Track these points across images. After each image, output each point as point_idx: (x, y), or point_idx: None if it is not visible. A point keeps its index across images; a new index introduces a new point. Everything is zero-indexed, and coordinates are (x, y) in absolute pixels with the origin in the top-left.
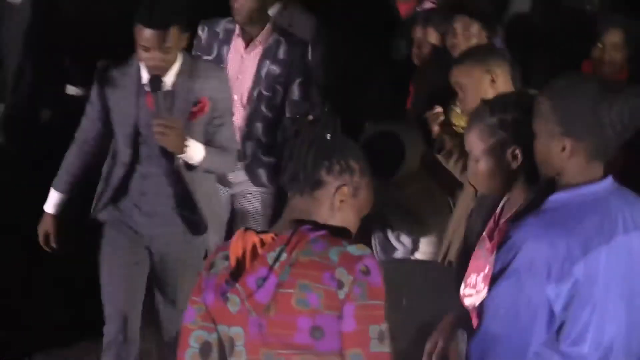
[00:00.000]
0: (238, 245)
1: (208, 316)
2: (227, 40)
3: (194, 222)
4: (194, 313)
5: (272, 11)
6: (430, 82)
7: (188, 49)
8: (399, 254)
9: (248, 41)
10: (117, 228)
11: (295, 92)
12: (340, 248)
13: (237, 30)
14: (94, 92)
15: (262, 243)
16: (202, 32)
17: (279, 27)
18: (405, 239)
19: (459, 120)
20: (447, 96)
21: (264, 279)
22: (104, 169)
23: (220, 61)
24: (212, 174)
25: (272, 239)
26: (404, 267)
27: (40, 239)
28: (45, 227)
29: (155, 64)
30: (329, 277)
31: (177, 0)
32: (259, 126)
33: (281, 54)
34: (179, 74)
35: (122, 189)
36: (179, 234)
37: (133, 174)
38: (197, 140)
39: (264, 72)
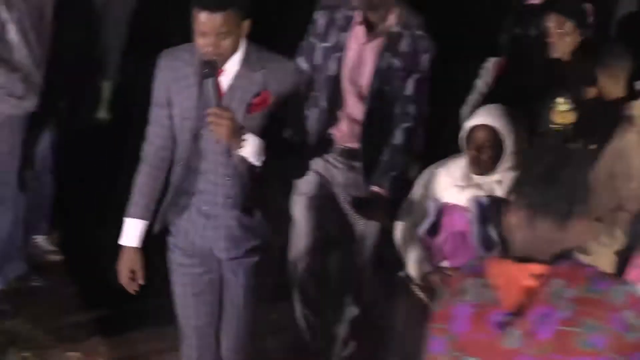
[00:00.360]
0: (501, 274)
1: (458, 346)
2: (346, 27)
3: (256, 229)
4: (443, 342)
5: None
6: (532, 80)
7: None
8: (499, 250)
9: (369, 30)
10: (183, 241)
11: (409, 87)
12: (623, 288)
13: (358, 17)
14: (156, 91)
15: (531, 274)
16: (320, 18)
17: (402, 18)
18: None
19: (561, 118)
20: (549, 93)
21: (545, 315)
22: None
23: (338, 49)
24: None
25: (545, 271)
26: None
27: (124, 278)
28: (130, 264)
29: (212, 51)
30: (616, 319)
31: None
32: (375, 123)
33: (403, 46)
34: (242, 64)
35: (182, 190)
36: (239, 239)
37: (190, 172)
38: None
39: (384, 64)
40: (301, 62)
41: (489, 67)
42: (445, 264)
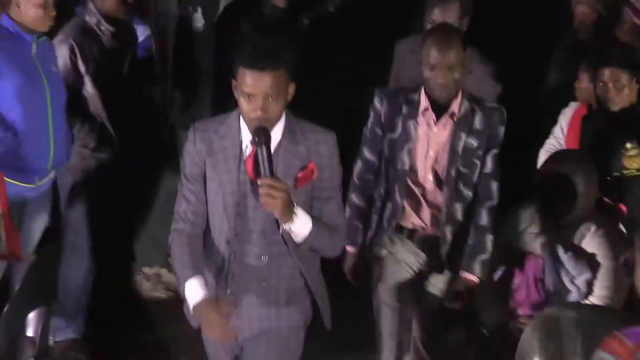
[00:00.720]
0: None
1: None
2: (412, 113)
3: (288, 316)
4: None
5: None
6: (598, 127)
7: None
8: (573, 297)
9: (438, 113)
10: None
11: (489, 164)
12: None
13: (424, 100)
14: (189, 165)
15: None
16: (380, 105)
17: (470, 94)
18: (580, 282)
19: (631, 163)
20: (617, 140)
21: None
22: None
23: (406, 139)
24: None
25: None
26: (578, 311)
27: (217, 331)
28: (212, 311)
29: (260, 115)
30: None
31: (283, 43)
32: (458, 207)
33: (477, 124)
34: (283, 134)
35: (223, 274)
36: (267, 330)
37: (231, 254)
38: None
39: (459, 146)
40: (367, 152)
41: (568, 111)
42: (519, 311)
